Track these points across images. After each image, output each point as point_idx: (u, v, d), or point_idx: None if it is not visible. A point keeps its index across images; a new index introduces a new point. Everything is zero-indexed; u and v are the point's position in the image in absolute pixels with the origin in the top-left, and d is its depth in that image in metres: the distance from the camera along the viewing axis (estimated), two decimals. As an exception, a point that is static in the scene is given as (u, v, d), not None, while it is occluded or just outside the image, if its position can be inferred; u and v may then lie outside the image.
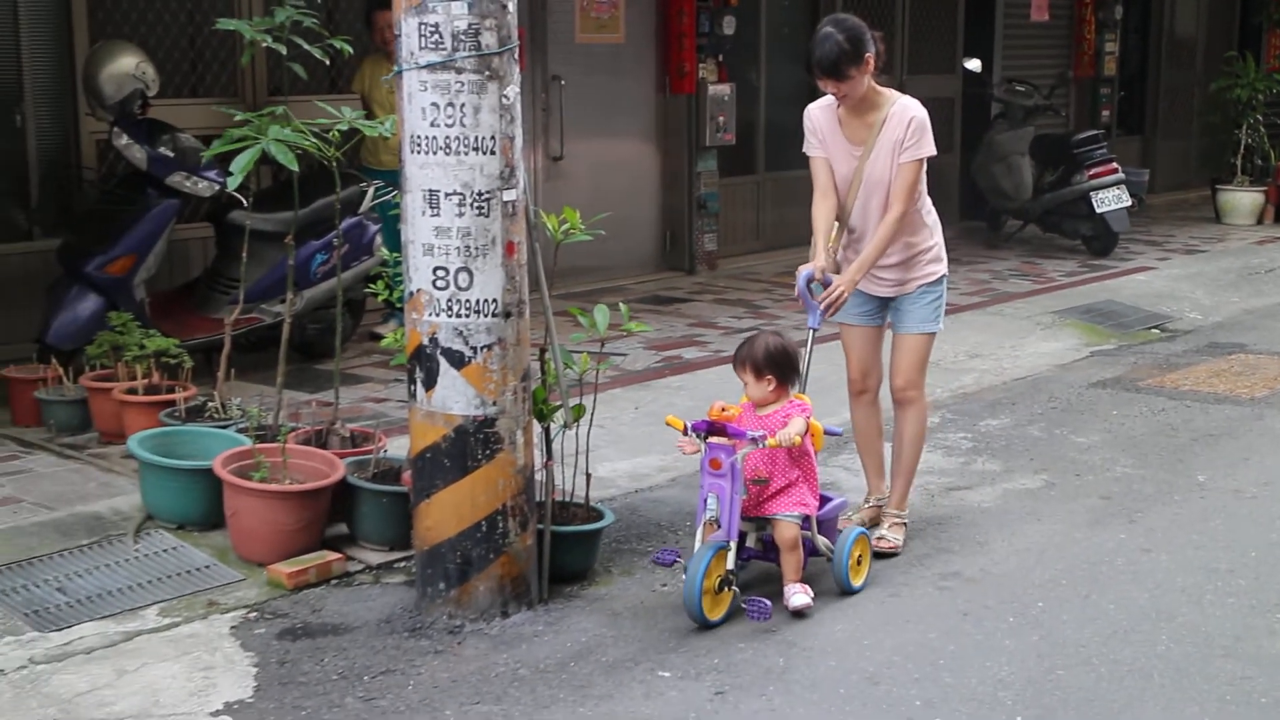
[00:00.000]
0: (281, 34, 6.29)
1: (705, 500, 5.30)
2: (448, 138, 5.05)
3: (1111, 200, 13.27)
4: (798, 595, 5.34)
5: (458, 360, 5.16)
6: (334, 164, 6.26)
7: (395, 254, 5.72)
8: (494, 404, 5.22)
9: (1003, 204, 13.98)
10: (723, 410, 5.48)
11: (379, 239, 8.55)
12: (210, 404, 6.81)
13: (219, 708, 4.71)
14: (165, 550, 5.93)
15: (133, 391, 7.05)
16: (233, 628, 5.33)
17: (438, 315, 5.17)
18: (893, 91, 5.96)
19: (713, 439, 5.30)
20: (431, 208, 5.12)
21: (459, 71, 5.03)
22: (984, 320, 10.62)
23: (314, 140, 6.09)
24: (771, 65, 13.18)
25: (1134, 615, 5.43)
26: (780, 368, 5.47)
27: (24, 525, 6.13)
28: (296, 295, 7.52)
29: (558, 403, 5.70)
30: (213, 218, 8.70)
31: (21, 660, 5.02)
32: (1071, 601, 5.57)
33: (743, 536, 5.45)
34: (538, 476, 5.56)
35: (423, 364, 5.25)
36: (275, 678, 4.92)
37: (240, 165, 5.90)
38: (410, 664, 5.01)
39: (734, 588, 5.30)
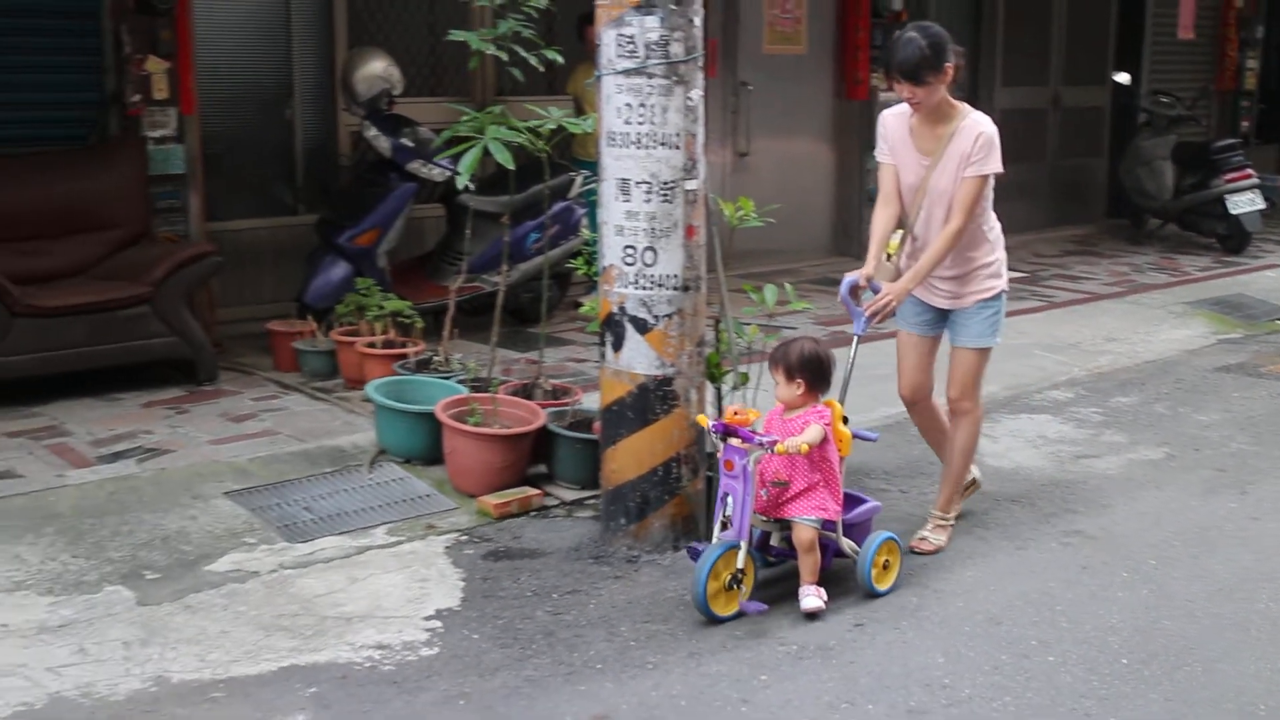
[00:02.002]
0: (504, 43, 6.37)
1: (722, 498, 4.89)
2: (639, 134, 5.10)
3: (1245, 203, 12.83)
4: (809, 598, 4.84)
5: (642, 327, 5.21)
6: (544, 156, 6.36)
7: (595, 234, 5.80)
8: (672, 365, 5.25)
9: (1145, 204, 13.60)
10: (736, 414, 4.91)
11: (584, 221, 8.64)
12: (436, 358, 6.95)
13: (431, 613, 4.84)
14: (393, 480, 6.09)
15: (373, 345, 7.24)
16: (446, 548, 5.45)
17: (626, 287, 5.23)
18: (966, 106, 5.32)
19: (729, 440, 4.86)
20: (623, 194, 5.18)
21: (650, 77, 5.06)
22: (1122, 308, 10.36)
23: (528, 136, 6.18)
24: (938, 76, 12.98)
25: (1238, 575, 5.29)
26: (811, 373, 4.95)
27: (280, 454, 6.35)
28: (512, 268, 7.67)
29: (728, 367, 5.73)
30: (444, 200, 8.88)
31: (274, 565, 5.21)
32: (1181, 561, 5.44)
33: (767, 536, 5.08)
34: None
35: (612, 329, 5.32)
36: (479, 591, 5.02)
37: (467, 164, 6.01)
38: (593, 586, 5.09)
39: (740, 587, 4.81)
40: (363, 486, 6.01)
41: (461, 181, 6.14)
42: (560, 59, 6.52)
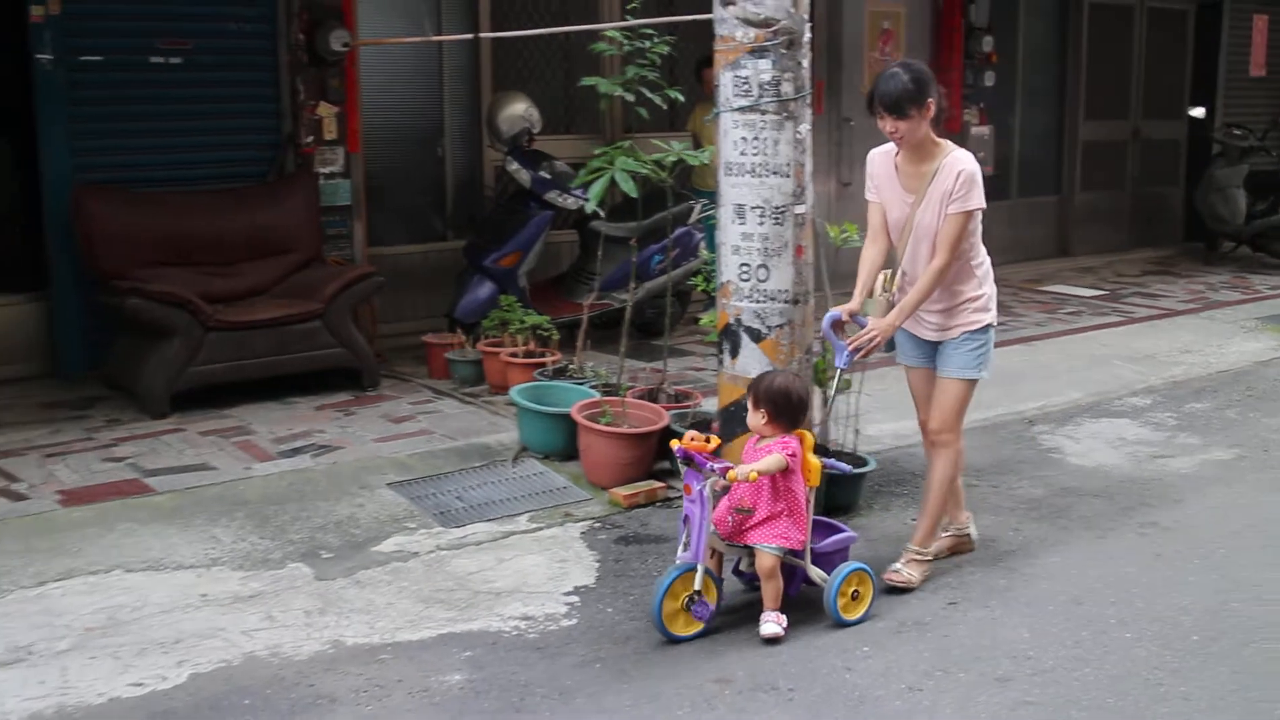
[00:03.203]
0: (631, 87, 6.50)
1: (684, 520, 4.60)
2: (753, 164, 5.20)
3: (1315, 227, 12.65)
4: (768, 624, 4.53)
5: (756, 336, 5.31)
6: (667, 185, 6.48)
7: (713, 255, 5.90)
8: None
9: (1219, 228, 13.37)
10: (691, 439, 4.58)
11: (703, 244, 8.74)
12: (571, 366, 7.07)
13: (569, 589, 4.96)
14: (534, 474, 6.22)
15: (515, 355, 7.38)
16: (581, 533, 5.56)
17: (741, 301, 5.33)
18: (949, 144, 4.93)
19: (689, 466, 4.58)
20: (739, 218, 5.29)
21: (763, 113, 5.17)
22: (1196, 323, 10.21)
23: (652, 167, 6.31)
24: (1024, 111, 12.88)
25: (1303, 563, 5.27)
26: (774, 405, 4.61)
27: (435, 450, 6.52)
28: (638, 286, 7.78)
29: (832, 375, 5.78)
30: (577, 226, 9.03)
31: (431, 547, 5.36)
32: (1250, 550, 5.40)
33: (739, 560, 4.80)
34: (815, 429, 5.66)
35: (729, 338, 5.42)
36: (611, 570, 5.14)
37: (595, 191, 6.16)
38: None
39: (696, 605, 4.51)
40: (507, 479, 6.15)
41: (590, 207, 6.29)
42: (681, 98, 6.64)
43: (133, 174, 7.85)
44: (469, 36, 9.06)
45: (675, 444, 4.61)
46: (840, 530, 4.92)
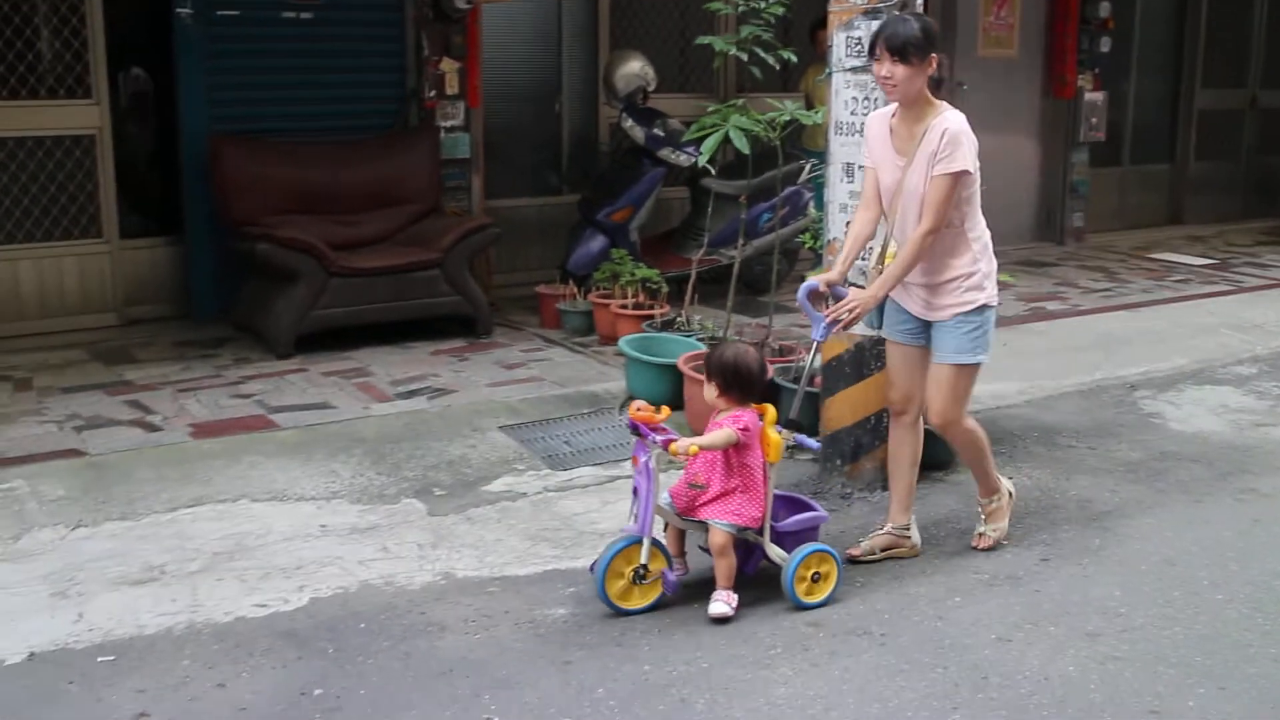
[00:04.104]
0: (745, 46, 6.51)
1: (634, 492, 4.40)
2: (863, 124, 5.20)
3: None
4: (716, 603, 4.29)
5: (860, 293, 5.32)
6: (778, 145, 6.49)
7: (820, 213, 5.90)
8: (886, 328, 5.35)
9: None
10: (638, 409, 4.36)
11: (812, 203, 8.73)
12: (678, 319, 7.13)
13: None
14: (640, 422, 6.33)
15: (624, 307, 7.47)
16: (684, 479, 5.67)
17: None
18: (943, 104, 4.54)
19: (636, 437, 4.36)
20: (847, 176, 5.28)
21: (874, 74, 5.16)
22: (1308, 294, 9.99)
23: (764, 126, 6.32)
24: (1140, 77, 12.60)
25: (1404, 533, 5.16)
26: (724, 378, 4.39)
27: (545, 397, 6.64)
28: (747, 243, 7.80)
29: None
30: (688, 183, 9.07)
31: (539, 488, 5.48)
32: (1351, 517, 5.33)
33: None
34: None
35: (834, 295, 5.42)
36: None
37: (709, 146, 6.20)
38: (810, 516, 5.24)
39: (645, 582, 4.30)
40: (613, 426, 6.24)
41: (702, 161, 6.33)
42: (794, 59, 6.63)
43: (264, 125, 8.06)
44: (588, -5, 9.11)
45: (628, 412, 4.39)
46: (811, 509, 4.62)
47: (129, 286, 8.05)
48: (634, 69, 8.53)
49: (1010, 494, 5.06)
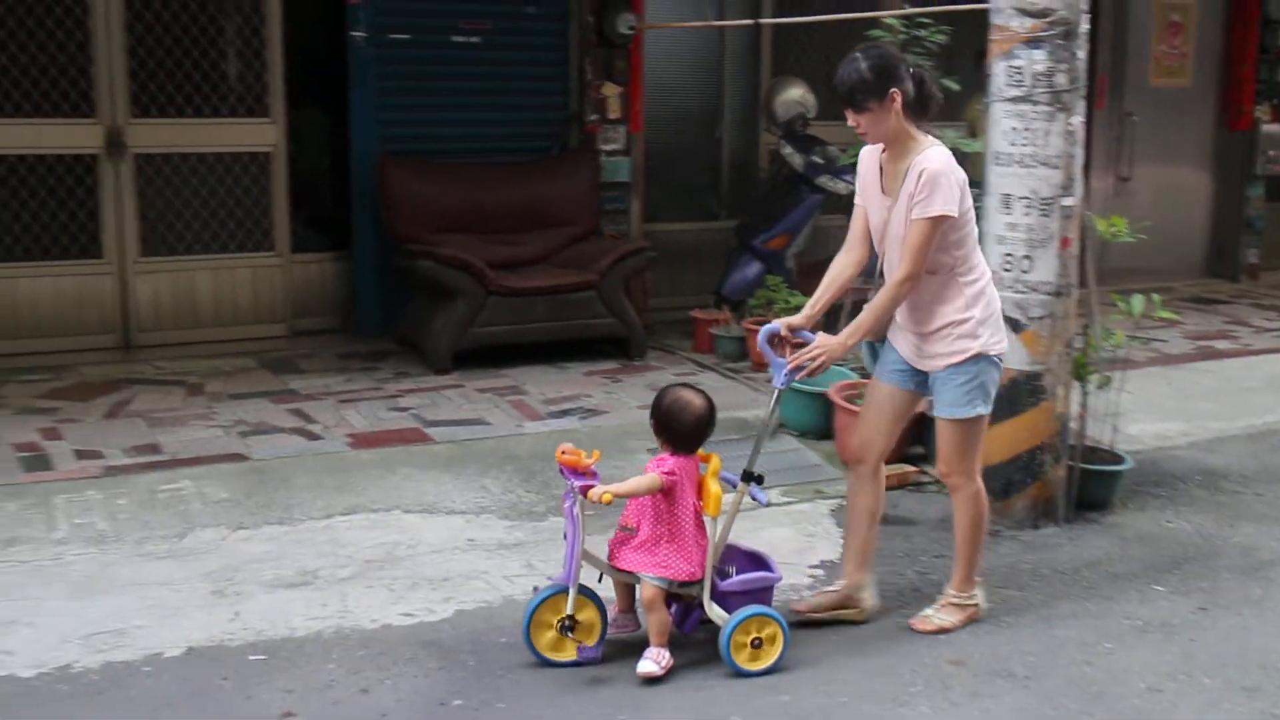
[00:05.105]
0: (906, 74, 6.44)
1: (564, 537, 4.14)
2: (1022, 154, 5.10)
3: None
4: (645, 661, 4.00)
5: (1015, 326, 5.19)
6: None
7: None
8: (1041, 363, 5.22)
9: None
10: (564, 453, 4.05)
11: (972, 234, 8.56)
12: (831, 347, 7.08)
13: (815, 562, 5.01)
14: (789, 450, 6.27)
15: (777, 334, 7.45)
16: (830, 510, 5.57)
17: (1003, 291, 5.16)
18: (928, 139, 4.18)
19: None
20: (1005, 208, 5.19)
21: (1034, 104, 5.05)
22: None
23: (923, 155, 6.23)
24: (1325, 111, 12.14)
25: None
26: (659, 421, 4.16)
27: (692, 421, 6.65)
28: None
29: (1094, 369, 5.62)
30: (848, 211, 8.98)
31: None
32: None
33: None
34: (1072, 424, 5.51)
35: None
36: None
37: (867, 171, 6.15)
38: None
39: (572, 634, 4.05)
40: (762, 453, 6.16)
41: None
42: (956, 87, 6.54)
43: (430, 145, 8.27)
44: (750, 23, 9.13)
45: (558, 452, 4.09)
46: (767, 568, 4.28)
47: (297, 299, 8.32)
48: (794, 95, 8.52)
49: (979, 606, 4.51)
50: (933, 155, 4.12)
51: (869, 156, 4.34)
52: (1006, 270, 5.19)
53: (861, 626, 4.44)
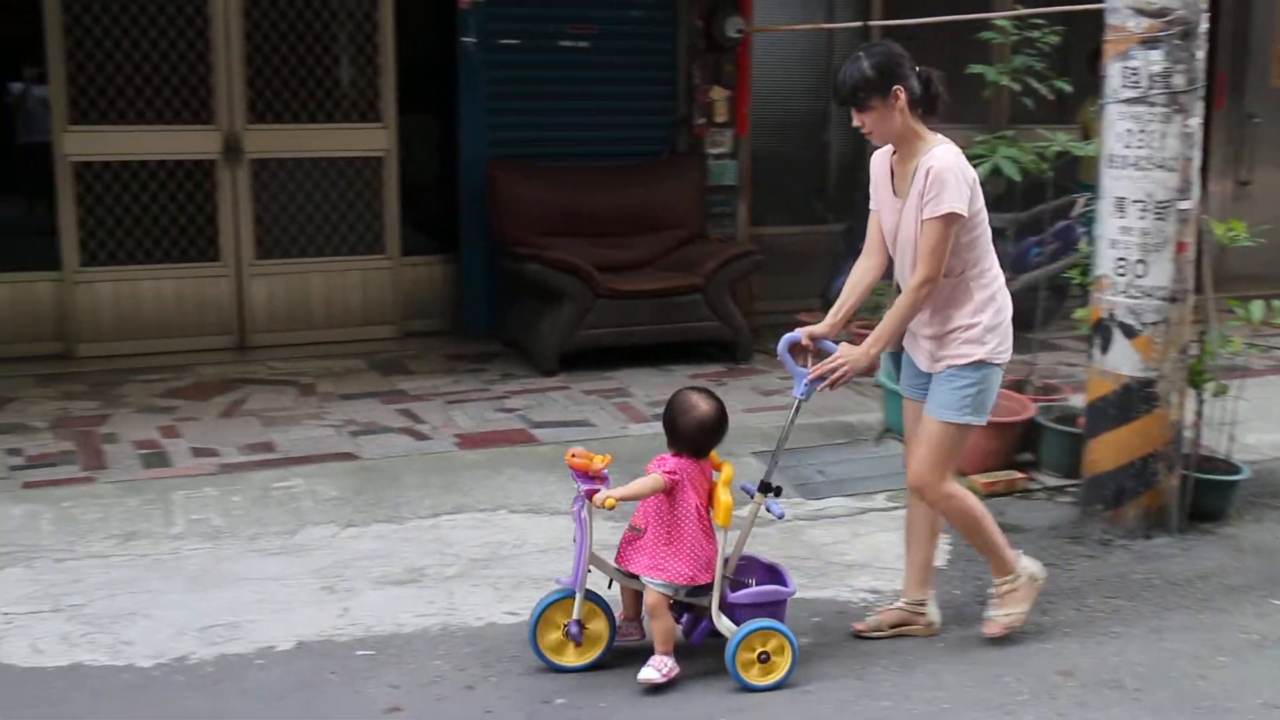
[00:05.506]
0: (1017, 76, 6.37)
1: (574, 540, 4.08)
2: (1137, 157, 5.01)
3: None
4: (647, 668, 3.96)
5: (1129, 332, 5.12)
6: (1047, 177, 6.31)
7: (1090, 249, 5.71)
8: (1155, 369, 5.13)
9: None
10: (573, 455, 4.03)
11: (1084, 239, 8.42)
12: (938, 352, 7.01)
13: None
14: (895, 455, 6.18)
15: (883, 338, 7.39)
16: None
17: (1116, 296, 5.15)
18: (936, 137, 4.09)
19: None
20: (1119, 211, 5.10)
21: (1151, 105, 4.96)
22: None
23: (1033, 158, 6.16)
24: None
25: None
26: (666, 424, 4.12)
27: (799, 425, 6.51)
28: (1014, 278, 7.59)
29: (1210, 377, 5.50)
30: (956, 214, 8.89)
31: (789, 516, 5.38)
32: None
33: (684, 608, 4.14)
34: (1187, 433, 5.40)
35: (1101, 333, 5.25)
36: (963, 555, 5.06)
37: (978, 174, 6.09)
38: (1066, 561, 5.05)
39: (578, 639, 4.03)
40: (868, 458, 6.18)
41: None
42: (1069, 89, 6.44)
43: (537, 149, 8.35)
44: (859, 25, 9.07)
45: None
46: (781, 581, 4.17)
47: (407, 301, 8.46)
48: (905, 98, 8.43)
49: (1034, 577, 4.40)
50: (940, 153, 4.02)
51: (880, 159, 4.26)
52: (1120, 275, 5.11)
53: (968, 632, 4.39)
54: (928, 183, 3.97)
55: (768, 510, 4.16)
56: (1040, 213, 7.52)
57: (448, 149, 8.63)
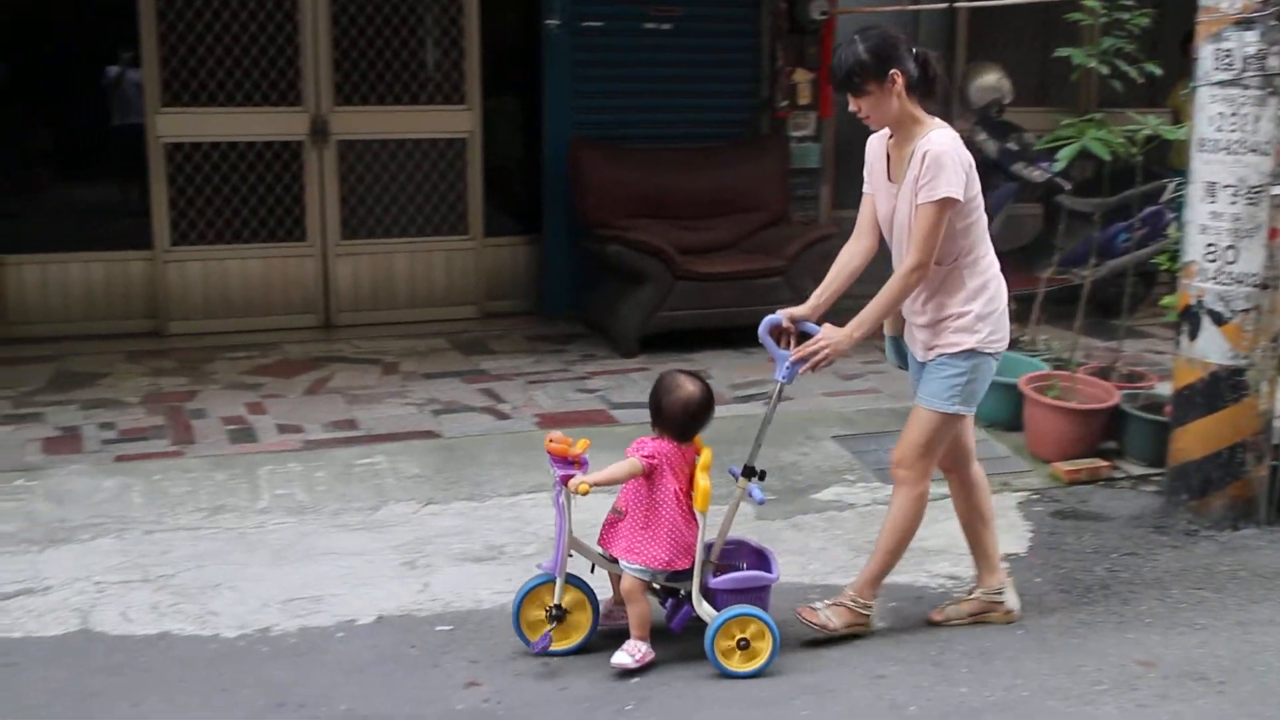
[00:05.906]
0: (1106, 58, 6.27)
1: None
2: (1229, 141, 4.91)
3: None
4: (619, 653, 3.95)
5: (1218, 319, 5.03)
6: (1136, 162, 6.21)
7: (1179, 234, 5.61)
8: (1245, 358, 5.04)
9: None
10: (552, 440, 4.01)
11: (1173, 224, 8.28)
12: (1023, 338, 6.91)
13: (1000, 556, 4.92)
14: (977, 441, 6.10)
15: (966, 323, 7.32)
16: (1018, 503, 5.49)
17: (1205, 282, 5.06)
18: (934, 121, 4.01)
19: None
20: (1209, 196, 5.01)
21: (1244, 88, 4.86)
22: None
23: (1122, 142, 6.07)
24: None
25: None
26: (651, 404, 4.12)
27: (880, 409, 6.58)
28: (1101, 264, 7.50)
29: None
30: (1042, 200, 8.79)
31: (868, 500, 5.47)
32: None
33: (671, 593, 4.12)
34: (1276, 423, 5.28)
35: (1189, 320, 5.16)
36: (1043, 542, 5.06)
37: (1065, 154, 6.01)
38: (1149, 551, 4.99)
39: (558, 615, 3.99)
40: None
41: (1057, 166, 6.14)
42: (1159, 72, 6.33)
43: (621, 131, 8.37)
44: (945, 5, 8.96)
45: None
46: (769, 563, 4.14)
47: (490, 282, 8.53)
48: (990, 81, 8.35)
49: (870, 620, 4.26)
50: (936, 137, 3.95)
51: (876, 144, 4.19)
52: (1210, 261, 5.02)
53: (1048, 620, 4.35)
54: (924, 167, 3.90)
55: (749, 495, 4.11)
56: (1128, 197, 7.41)
57: (531, 131, 8.68)
